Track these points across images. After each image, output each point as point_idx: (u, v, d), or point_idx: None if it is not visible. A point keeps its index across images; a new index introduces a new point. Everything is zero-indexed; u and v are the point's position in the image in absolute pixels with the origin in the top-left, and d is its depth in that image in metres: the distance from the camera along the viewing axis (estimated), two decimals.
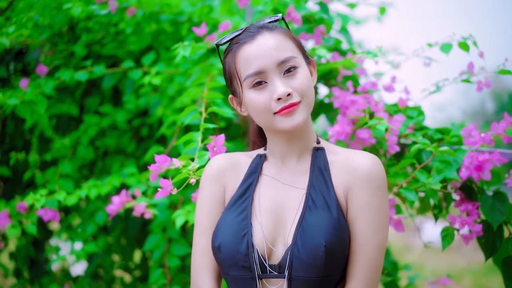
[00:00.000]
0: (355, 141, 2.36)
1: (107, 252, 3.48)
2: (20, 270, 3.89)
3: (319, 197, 1.76)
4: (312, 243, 1.67)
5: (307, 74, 1.78)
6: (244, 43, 1.77)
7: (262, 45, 1.75)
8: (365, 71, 2.70)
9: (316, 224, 1.70)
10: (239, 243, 1.73)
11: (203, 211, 1.87)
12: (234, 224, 1.76)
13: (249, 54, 1.76)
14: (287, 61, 1.74)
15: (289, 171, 1.85)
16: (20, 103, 2.84)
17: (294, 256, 1.69)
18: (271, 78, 1.74)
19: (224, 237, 1.75)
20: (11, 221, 2.72)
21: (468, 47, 2.48)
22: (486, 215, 2.19)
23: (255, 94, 1.76)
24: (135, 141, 3.44)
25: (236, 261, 1.73)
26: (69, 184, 3.03)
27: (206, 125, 2.22)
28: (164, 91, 3.06)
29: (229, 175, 1.88)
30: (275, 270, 1.72)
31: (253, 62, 1.75)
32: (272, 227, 1.76)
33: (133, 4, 3.03)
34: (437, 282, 2.99)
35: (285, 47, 1.76)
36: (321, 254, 1.66)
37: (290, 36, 1.81)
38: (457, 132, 2.33)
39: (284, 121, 1.74)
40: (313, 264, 1.67)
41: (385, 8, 3.34)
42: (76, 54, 3.25)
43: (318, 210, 1.73)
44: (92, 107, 3.44)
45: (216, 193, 1.87)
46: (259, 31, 1.78)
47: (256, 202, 1.81)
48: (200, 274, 1.84)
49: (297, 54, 1.79)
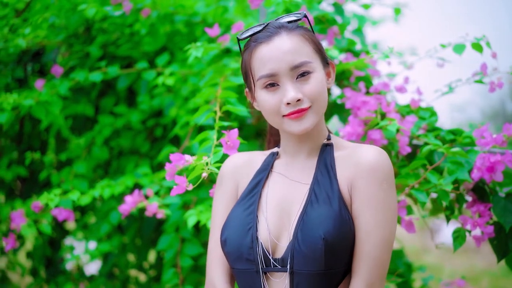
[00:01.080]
0: (367, 142, 2.35)
1: (122, 251, 3.50)
2: (37, 269, 3.93)
3: (322, 192, 1.76)
4: (311, 236, 1.67)
5: (321, 79, 1.78)
6: (261, 43, 1.78)
7: (278, 48, 1.75)
8: (378, 72, 2.70)
9: (315, 217, 1.70)
10: (244, 237, 1.76)
11: (218, 207, 1.93)
12: (241, 218, 1.79)
13: (264, 55, 1.76)
14: (301, 66, 1.74)
15: (297, 167, 1.87)
16: (35, 103, 2.87)
17: (295, 250, 1.70)
18: (283, 82, 1.75)
19: (230, 230, 1.79)
20: (26, 220, 2.75)
21: (482, 48, 2.46)
22: (498, 217, 2.18)
23: (267, 95, 1.77)
24: (149, 141, 3.45)
25: (240, 254, 1.75)
26: (83, 184, 3.05)
27: (222, 123, 2.23)
28: (178, 91, 3.07)
29: (242, 172, 1.94)
30: (279, 264, 1.74)
31: (267, 64, 1.75)
32: (278, 221, 1.78)
33: (148, 5, 3.05)
34: (452, 284, 2.97)
35: (301, 51, 1.76)
36: (320, 247, 1.65)
37: (308, 38, 1.80)
38: (469, 133, 2.32)
39: (292, 124, 1.76)
40: (312, 257, 1.67)
41: (400, 9, 3.33)
42: (92, 55, 3.27)
43: (319, 203, 1.73)
44: (107, 108, 3.46)
45: (230, 190, 1.93)
46: (277, 31, 1.78)
47: (264, 197, 1.84)
48: (214, 268, 1.88)
49: (313, 58, 1.78)
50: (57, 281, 3.58)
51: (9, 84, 3.50)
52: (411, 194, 2.20)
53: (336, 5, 2.87)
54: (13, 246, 2.73)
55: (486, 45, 2.45)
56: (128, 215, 3.12)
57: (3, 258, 4.36)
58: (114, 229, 3.37)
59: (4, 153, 3.75)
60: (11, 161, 3.71)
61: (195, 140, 2.23)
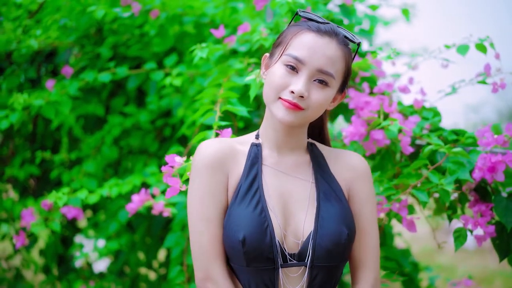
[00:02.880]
0: (370, 142, 2.37)
1: (132, 250, 3.54)
2: (49, 267, 3.98)
3: (328, 189, 1.87)
4: (335, 231, 1.79)
5: (329, 97, 1.82)
6: (314, 31, 1.81)
7: (323, 47, 1.79)
8: (384, 73, 2.71)
9: (335, 213, 1.83)
10: (263, 236, 1.75)
11: (206, 200, 1.83)
12: (254, 218, 1.77)
13: (309, 41, 1.79)
14: (325, 74, 1.78)
15: (289, 162, 1.90)
16: (45, 103, 2.92)
17: (317, 244, 1.77)
18: (303, 73, 1.78)
19: (248, 231, 1.75)
20: (36, 218, 2.79)
21: (486, 49, 2.48)
22: (500, 217, 2.20)
23: (281, 71, 1.80)
24: (158, 141, 3.49)
25: (260, 253, 1.76)
26: (92, 183, 3.10)
27: (219, 123, 2.26)
28: (185, 92, 3.11)
29: (230, 164, 1.87)
30: (295, 259, 1.78)
31: (304, 50, 1.78)
32: (282, 217, 1.81)
33: (157, 7, 3.08)
34: (459, 284, 2.97)
35: (335, 64, 1.80)
36: (344, 242, 1.79)
37: (346, 60, 1.84)
38: (472, 134, 2.33)
39: (281, 111, 1.79)
40: (335, 251, 1.79)
41: (408, 10, 3.34)
42: (102, 55, 3.31)
43: (331, 200, 1.85)
44: (118, 108, 3.51)
45: (220, 182, 1.84)
46: (332, 35, 1.81)
47: (266, 193, 1.83)
48: (215, 264, 1.82)
49: (337, 77, 1.82)
50: (69, 279, 3.62)
51: (23, 84, 3.55)
52: (412, 194, 2.21)
53: (343, 6, 2.88)
54: (23, 244, 2.78)
55: (490, 46, 2.46)
56: (138, 213, 3.16)
57: (17, 256, 4.42)
58: (124, 227, 3.41)
59: (17, 153, 3.81)
60: (24, 160, 3.76)
61: (194, 140, 2.26)
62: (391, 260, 2.42)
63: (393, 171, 2.44)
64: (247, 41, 2.74)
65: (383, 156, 2.49)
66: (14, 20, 3.38)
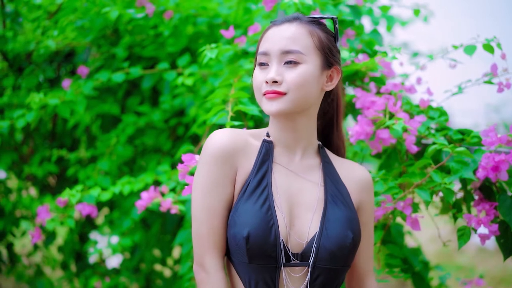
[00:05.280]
0: (376, 141, 2.39)
1: (147, 246, 3.59)
2: (67, 263, 4.05)
3: (337, 193, 1.90)
4: (341, 234, 1.81)
5: (310, 74, 1.81)
6: (274, 25, 1.86)
7: (281, 32, 1.82)
8: (393, 73, 2.73)
9: (341, 216, 1.85)
10: (268, 234, 1.75)
11: (210, 191, 1.82)
12: (260, 215, 1.77)
13: (268, 34, 1.85)
14: (290, 53, 1.79)
15: (299, 163, 1.91)
16: (60, 103, 2.98)
17: (321, 246, 1.79)
18: (272, 63, 1.81)
19: (253, 228, 1.75)
20: (51, 215, 2.85)
21: (493, 49, 2.48)
22: (504, 215, 2.21)
23: (257, 72, 1.85)
24: (171, 140, 3.55)
25: (264, 251, 1.76)
26: (106, 181, 3.16)
27: (232, 122, 2.29)
28: (197, 91, 3.15)
29: (241, 157, 1.85)
30: (298, 259, 1.80)
31: (266, 43, 1.84)
32: (289, 217, 1.82)
33: (170, 8, 3.13)
34: (470, 283, 2.97)
35: (298, 41, 1.81)
36: (348, 245, 1.81)
37: (316, 35, 1.84)
38: (477, 133, 2.35)
39: (266, 104, 1.81)
40: (339, 254, 1.80)
41: (419, 10, 3.36)
42: (117, 56, 3.37)
43: (339, 205, 1.87)
44: (133, 107, 3.57)
45: (228, 174, 1.83)
46: (291, 20, 1.85)
47: (274, 191, 1.84)
48: (210, 255, 1.82)
49: (308, 52, 1.81)
50: (86, 275, 3.68)
51: (41, 84, 3.63)
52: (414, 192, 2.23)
53: (353, 7, 2.90)
54: (39, 240, 2.85)
55: (496, 46, 2.47)
56: (152, 211, 3.22)
57: (38, 253, 4.51)
58: (139, 224, 3.47)
59: (37, 151, 3.89)
60: (43, 159, 3.84)
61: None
62: (395, 258, 2.44)
63: (399, 170, 2.46)
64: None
65: (389, 155, 2.52)
66: (33, 21, 3.46)
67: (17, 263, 4.29)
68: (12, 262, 4.27)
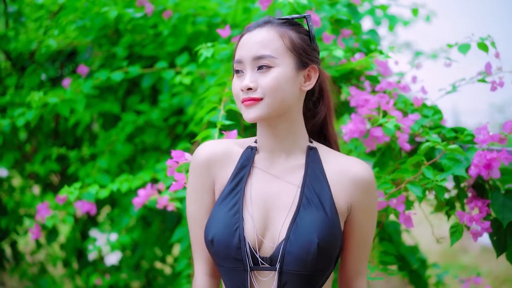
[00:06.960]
0: (369, 139, 2.41)
1: (147, 244, 3.61)
2: (68, 260, 4.08)
3: (313, 196, 1.81)
4: (306, 239, 1.74)
5: (285, 76, 1.79)
6: (247, 31, 1.85)
7: (252, 38, 1.81)
8: (390, 71, 2.74)
9: (310, 221, 1.77)
10: (231, 237, 1.77)
11: (191, 200, 1.91)
12: (227, 218, 1.79)
13: (242, 42, 1.84)
14: (262, 58, 1.77)
15: (280, 166, 1.88)
16: (60, 101, 3.01)
17: (287, 251, 1.75)
18: (246, 70, 1.80)
19: (217, 231, 1.78)
20: (51, 212, 2.88)
21: (487, 48, 2.49)
22: (497, 213, 2.22)
23: (235, 80, 1.84)
24: (170, 138, 3.57)
25: (228, 254, 1.77)
26: (105, 178, 3.18)
27: (223, 121, 2.31)
28: (196, 90, 3.17)
29: (219, 166, 1.89)
30: (267, 263, 1.78)
31: (240, 51, 1.83)
32: (263, 220, 1.81)
33: (169, 7, 3.15)
34: (468, 281, 2.99)
35: (269, 45, 1.79)
36: (313, 251, 1.74)
37: (286, 37, 1.82)
38: (471, 132, 2.36)
39: (244, 111, 1.80)
40: (304, 259, 1.74)
41: (417, 10, 3.37)
42: (118, 55, 3.40)
43: (312, 208, 1.79)
44: (133, 106, 3.60)
45: (204, 183, 1.89)
46: (262, 25, 1.84)
47: (248, 194, 1.84)
48: (196, 260, 1.92)
49: (280, 55, 1.79)
50: (87, 272, 3.70)
51: (44, 83, 3.66)
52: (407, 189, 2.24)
53: (350, 6, 2.91)
54: (38, 237, 2.88)
55: (491, 45, 2.48)
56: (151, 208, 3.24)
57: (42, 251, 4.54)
58: (139, 222, 3.49)
59: (40, 149, 3.92)
60: (46, 157, 3.87)
61: (198, 137, 2.32)
62: (389, 255, 2.45)
63: (393, 168, 2.48)
64: None
65: (383, 153, 2.53)
66: (35, 20, 3.49)
67: (21, 261, 4.33)
68: (16, 260, 4.31)
